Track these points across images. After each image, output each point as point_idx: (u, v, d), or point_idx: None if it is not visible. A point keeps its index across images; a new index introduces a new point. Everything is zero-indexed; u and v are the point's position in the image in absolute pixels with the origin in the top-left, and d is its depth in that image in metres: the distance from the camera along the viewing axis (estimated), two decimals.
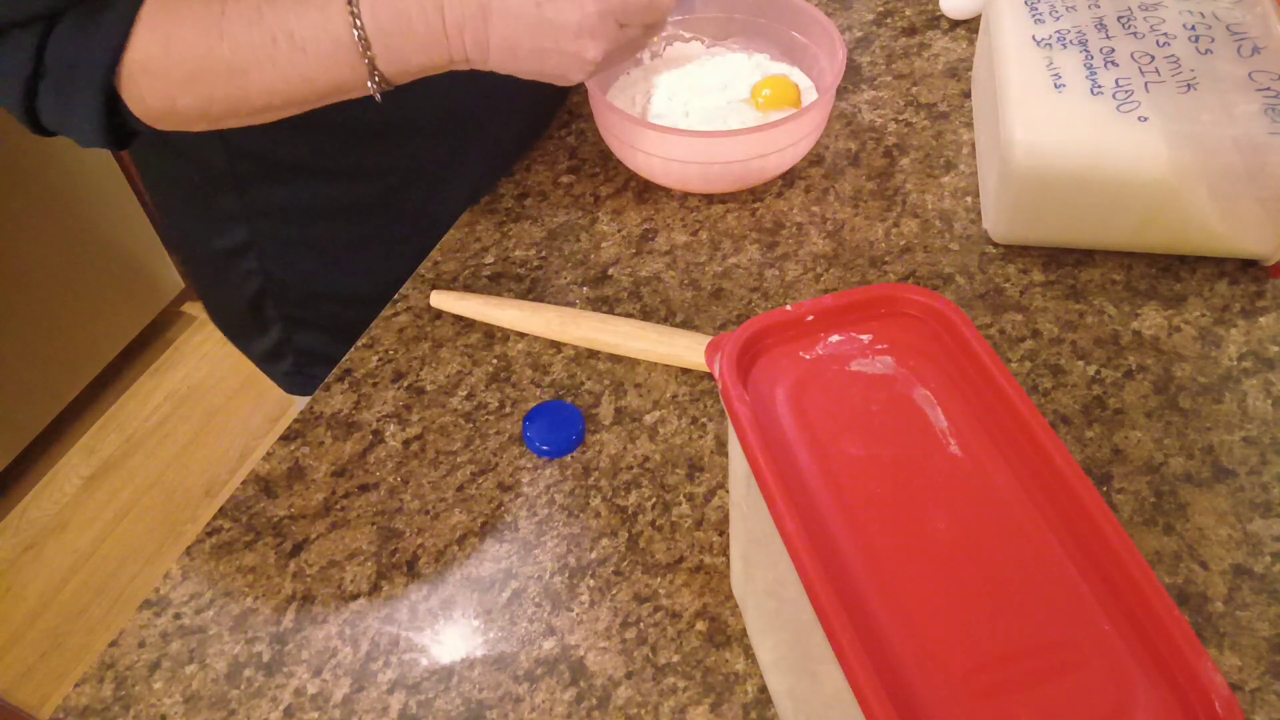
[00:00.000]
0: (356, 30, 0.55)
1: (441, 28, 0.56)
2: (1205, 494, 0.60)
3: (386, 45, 0.56)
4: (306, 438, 0.67)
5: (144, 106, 0.58)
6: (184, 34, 0.55)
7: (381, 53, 0.56)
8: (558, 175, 0.84)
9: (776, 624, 0.48)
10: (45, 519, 1.72)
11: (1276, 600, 0.56)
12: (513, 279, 0.76)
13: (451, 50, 0.58)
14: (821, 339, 0.44)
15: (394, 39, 0.56)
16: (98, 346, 1.84)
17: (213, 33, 0.55)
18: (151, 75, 0.56)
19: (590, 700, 0.54)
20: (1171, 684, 0.33)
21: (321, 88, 0.58)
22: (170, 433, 1.84)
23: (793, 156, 0.78)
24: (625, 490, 0.63)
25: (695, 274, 0.75)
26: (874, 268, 0.75)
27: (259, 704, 0.55)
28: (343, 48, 0.56)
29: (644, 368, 0.69)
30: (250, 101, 0.58)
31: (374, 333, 0.73)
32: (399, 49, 0.57)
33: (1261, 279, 0.72)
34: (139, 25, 0.54)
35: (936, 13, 0.96)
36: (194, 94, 0.57)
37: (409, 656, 0.57)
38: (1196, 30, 0.72)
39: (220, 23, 0.55)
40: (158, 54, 0.55)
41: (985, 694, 0.34)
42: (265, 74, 0.56)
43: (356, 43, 0.56)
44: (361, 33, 0.55)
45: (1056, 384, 0.67)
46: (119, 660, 0.57)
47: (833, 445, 0.40)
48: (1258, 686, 0.53)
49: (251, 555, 0.61)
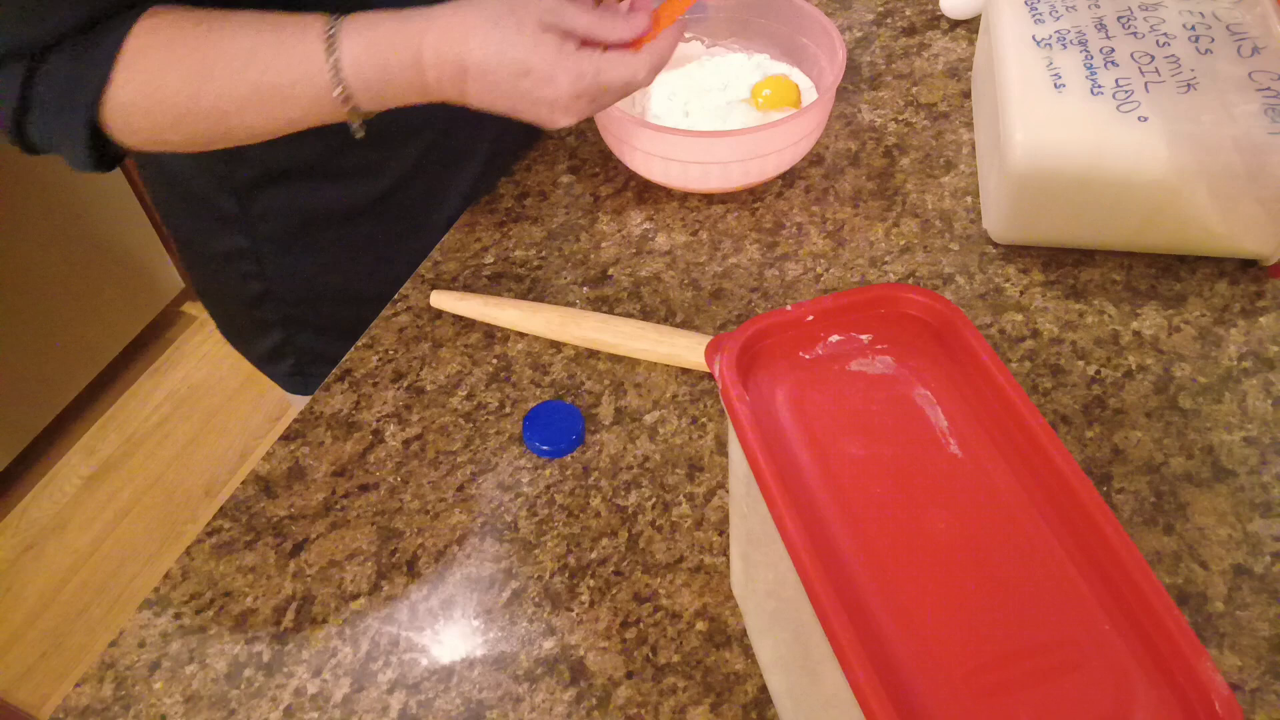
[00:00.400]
0: (339, 87, 0.57)
1: (421, 81, 0.59)
2: (1205, 494, 0.60)
3: (368, 93, 0.58)
4: (306, 438, 0.67)
5: (130, 140, 0.60)
6: (169, 81, 0.56)
7: (364, 99, 0.59)
8: (558, 175, 0.84)
9: (776, 624, 0.48)
10: (45, 519, 1.72)
11: (1276, 600, 0.56)
12: (513, 279, 0.76)
13: (430, 96, 0.60)
14: (821, 339, 0.44)
15: (375, 88, 0.58)
16: (98, 346, 1.84)
17: (198, 81, 0.57)
18: (137, 115, 0.57)
19: (590, 700, 0.54)
20: (1171, 684, 0.33)
21: (305, 125, 0.60)
22: (170, 433, 1.84)
23: (793, 156, 0.78)
24: (625, 490, 0.63)
25: (695, 274, 0.75)
26: (874, 268, 0.75)
27: (259, 704, 0.55)
28: (325, 96, 0.58)
29: (644, 368, 0.69)
30: (235, 137, 0.60)
31: (374, 333, 0.73)
32: (380, 95, 0.59)
33: (1261, 279, 0.72)
34: (124, 68, 0.56)
35: (936, 13, 0.96)
36: (180, 132, 0.59)
37: (409, 656, 0.57)
38: (1196, 30, 0.72)
39: (205, 72, 0.57)
40: (143, 97, 0.57)
41: (985, 694, 0.34)
42: (250, 118, 0.58)
43: (339, 94, 0.58)
44: (344, 85, 0.57)
45: (1056, 384, 0.67)
46: (119, 660, 0.57)
47: (833, 445, 0.40)
48: (1258, 686, 0.53)
49: (251, 555, 0.61)
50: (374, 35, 0.57)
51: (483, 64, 0.57)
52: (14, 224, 1.61)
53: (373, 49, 0.57)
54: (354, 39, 0.57)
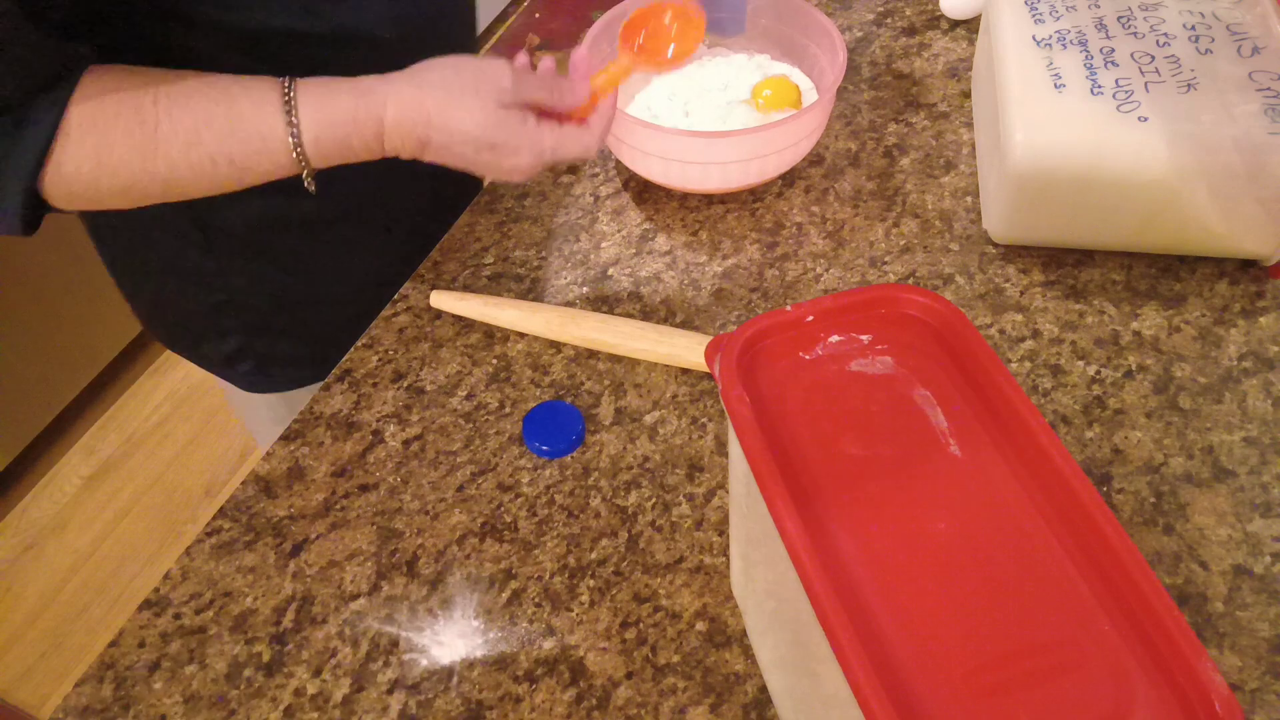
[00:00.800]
0: (299, 160, 0.58)
1: (380, 150, 0.60)
2: (1205, 494, 0.60)
3: (326, 161, 0.60)
4: (306, 438, 0.67)
5: (68, 205, 0.58)
6: (117, 153, 0.55)
7: (320, 165, 0.60)
8: (558, 175, 0.84)
9: (776, 624, 0.48)
10: (45, 519, 1.72)
11: (1276, 600, 0.56)
12: (513, 279, 0.76)
13: (389, 155, 0.61)
14: (821, 339, 0.44)
15: (334, 158, 0.60)
16: (98, 346, 1.83)
17: (147, 153, 0.56)
18: (81, 184, 0.56)
19: (590, 700, 0.54)
20: (1171, 684, 0.33)
21: (256, 184, 0.61)
22: (170, 433, 1.83)
23: (793, 156, 0.78)
24: (625, 490, 0.63)
25: (695, 274, 0.75)
26: (874, 268, 0.75)
27: (259, 704, 0.55)
28: (283, 168, 0.59)
29: (644, 368, 0.69)
30: (182, 197, 0.60)
31: (374, 333, 0.73)
32: (338, 160, 0.60)
33: (1261, 279, 0.72)
34: (68, 139, 0.54)
35: (936, 13, 0.96)
36: (125, 199, 0.58)
37: (409, 656, 0.57)
38: (1196, 30, 0.72)
39: (155, 144, 0.56)
40: (90, 168, 0.56)
41: (985, 694, 0.34)
42: (203, 186, 0.59)
43: (298, 164, 0.58)
44: (305, 159, 0.58)
45: (1056, 384, 0.67)
46: (119, 660, 0.57)
47: (833, 445, 0.40)
48: (1258, 686, 0.53)
49: (251, 555, 0.61)
50: (333, 110, 0.57)
51: (445, 142, 0.59)
52: None
53: (333, 126, 0.58)
54: (312, 114, 0.57)
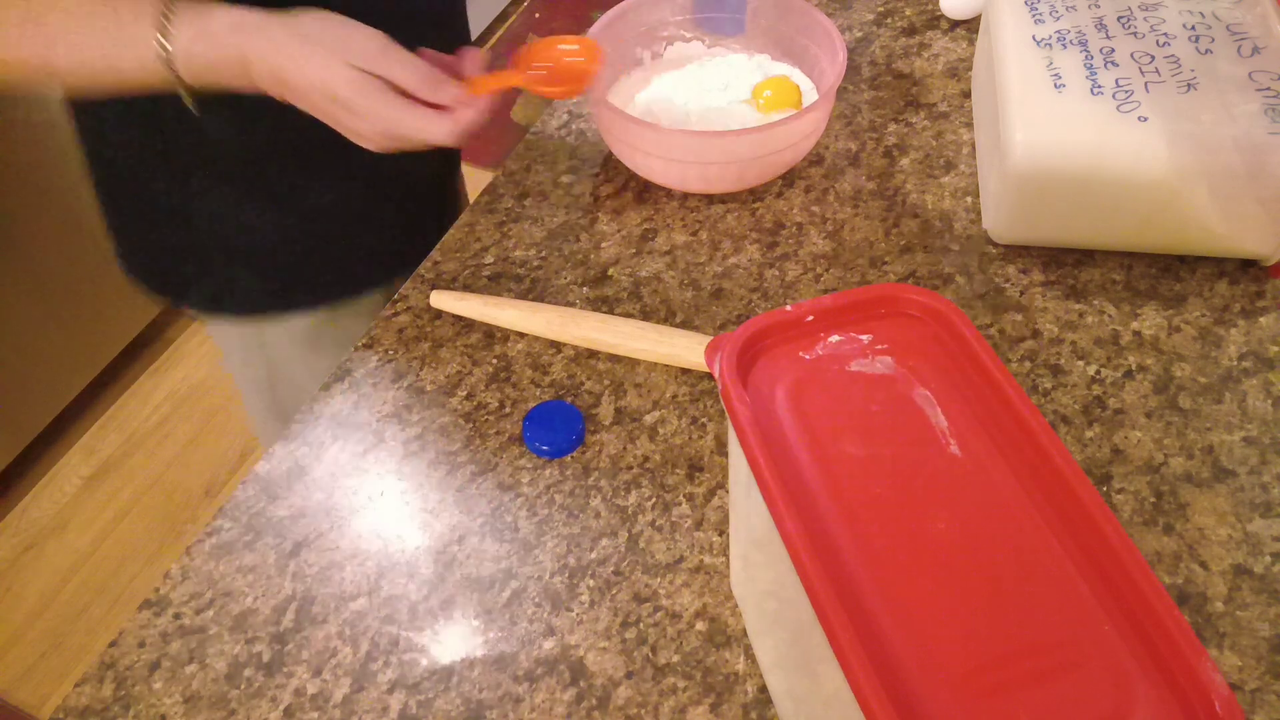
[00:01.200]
0: (170, 74, 0.60)
1: (248, 80, 0.62)
2: (1205, 494, 0.60)
3: (198, 81, 0.62)
4: (306, 438, 0.67)
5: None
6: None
7: (194, 84, 0.62)
8: (558, 175, 0.84)
9: (776, 624, 0.48)
10: (45, 519, 1.72)
11: (1276, 600, 0.56)
12: (513, 279, 0.76)
13: (260, 90, 0.63)
14: (821, 339, 0.44)
15: (204, 78, 0.62)
16: (98, 346, 1.83)
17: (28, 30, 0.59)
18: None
19: (590, 700, 0.54)
20: (1171, 684, 0.33)
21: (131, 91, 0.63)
22: (170, 433, 1.83)
23: (793, 156, 0.78)
24: (625, 490, 0.63)
25: (695, 274, 0.75)
26: (874, 268, 0.75)
27: (259, 704, 0.55)
28: (156, 78, 0.61)
29: (644, 368, 0.69)
30: (51, 86, 0.63)
31: (374, 333, 0.73)
32: (209, 83, 0.62)
33: (1261, 279, 0.72)
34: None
35: (936, 13, 0.96)
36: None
37: (409, 656, 0.57)
38: (1196, 30, 0.72)
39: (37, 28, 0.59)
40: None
41: (985, 694, 0.34)
42: (75, 79, 0.63)
43: (170, 79, 0.61)
44: (176, 73, 0.61)
45: (1056, 384, 0.67)
46: (119, 660, 0.57)
47: (833, 445, 0.40)
48: (1258, 686, 0.53)
49: (251, 555, 0.61)
50: (207, 33, 0.60)
51: (299, 86, 0.61)
52: (14, 224, 1.61)
53: (206, 44, 0.60)
54: (186, 31, 0.60)
